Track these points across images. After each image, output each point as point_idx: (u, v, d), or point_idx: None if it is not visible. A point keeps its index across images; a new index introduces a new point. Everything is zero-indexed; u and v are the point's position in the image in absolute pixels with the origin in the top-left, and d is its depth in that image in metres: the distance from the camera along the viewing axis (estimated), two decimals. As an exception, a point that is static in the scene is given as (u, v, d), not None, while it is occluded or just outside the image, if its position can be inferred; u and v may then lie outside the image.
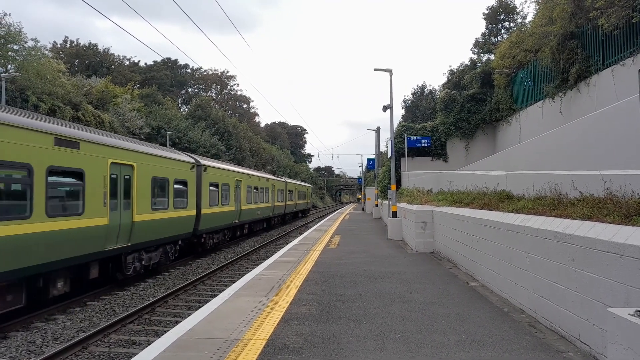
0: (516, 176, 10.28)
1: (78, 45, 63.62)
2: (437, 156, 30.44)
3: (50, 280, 10.44)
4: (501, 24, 37.26)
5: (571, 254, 5.63)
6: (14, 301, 9.29)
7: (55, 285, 10.65)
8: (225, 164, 25.98)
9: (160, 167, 15.35)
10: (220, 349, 5.44)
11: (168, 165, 16.03)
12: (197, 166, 18.96)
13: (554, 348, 5.51)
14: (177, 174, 16.67)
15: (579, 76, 17.20)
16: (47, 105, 28.19)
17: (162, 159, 15.66)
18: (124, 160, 13.07)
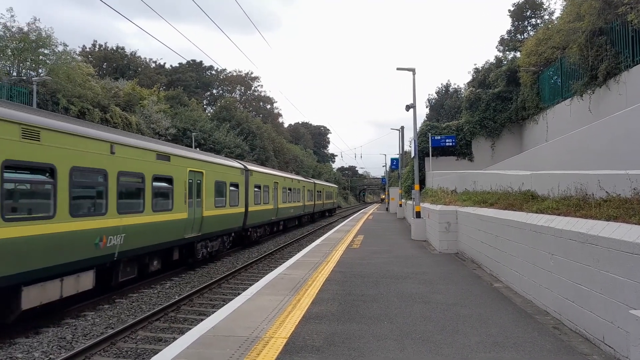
0: (541, 176, 10.12)
1: (106, 48, 65.13)
2: (462, 156, 30.11)
3: (151, 259, 13.89)
4: (527, 21, 36.63)
5: (596, 255, 5.54)
6: (131, 272, 12.93)
7: (153, 263, 14.03)
8: (266, 169, 29.57)
9: (220, 172, 18.80)
10: (242, 347, 5.55)
11: (225, 171, 19.46)
12: (245, 171, 22.23)
13: (577, 350, 5.44)
14: (231, 178, 20.01)
15: (608, 73, 16.79)
16: (77, 107, 28.97)
17: (221, 166, 19.21)
18: (197, 169, 16.51)
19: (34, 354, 8.05)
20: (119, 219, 11.68)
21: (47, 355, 8.05)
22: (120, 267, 12.19)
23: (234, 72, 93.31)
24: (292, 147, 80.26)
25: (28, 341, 8.68)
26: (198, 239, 16.48)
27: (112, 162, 11.51)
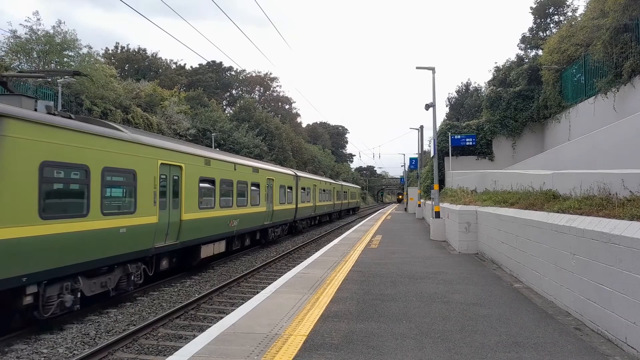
0: (563, 175, 9.98)
1: (128, 50, 66.19)
2: (483, 155, 29.77)
3: (247, 237, 20.37)
4: (550, 18, 36.02)
5: (618, 255, 5.45)
6: (238, 244, 19.29)
7: (247, 240, 20.42)
8: (308, 174, 37.16)
9: (282, 178, 25.93)
10: (261, 344, 5.61)
11: (285, 177, 26.74)
12: (296, 177, 29.60)
13: (599, 351, 5.36)
14: (287, 182, 27.12)
15: (634, 70, 16.45)
16: (100, 108, 29.53)
17: (283, 174, 26.59)
18: (271, 177, 23.27)
19: (58, 349, 8.25)
20: (236, 210, 18.28)
21: (71, 350, 8.24)
22: (234, 240, 18.78)
23: (253, 72, 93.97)
24: (310, 147, 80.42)
25: (53, 337, 8.90)
26: (270, 226, 23.40)
27: (235, 176, 18.44)
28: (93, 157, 9.97)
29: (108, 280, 11.10)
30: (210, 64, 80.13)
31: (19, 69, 29.29)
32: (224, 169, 17.35)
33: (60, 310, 9.45)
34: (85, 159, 9.75)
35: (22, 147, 8.31)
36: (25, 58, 30.32)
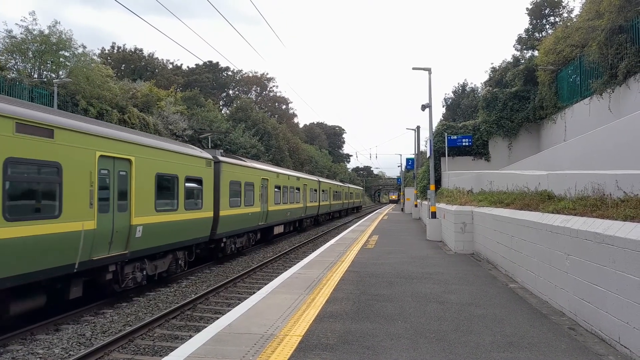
0: (558, 176, 10.01)
1: (124, 50, 66.01)
2: (479, 155, 29.83)
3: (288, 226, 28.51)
4: (546, 19, 36.18)
5: (612, 255, 5.49)
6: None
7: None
8: (328, 180, 46.58)
9: (310, 183, 34.83)
10: (257, 344, 5.62)
11: (312, 182, 35.51)
12: (318, 182, 38.53)
13: (593, 351, 5.40)
14: (314, 186, 36.20)
15: (629, 71, 16.53)
16: (96, 109, 29.45)
17: (311, 180, 35.08)
18: (305, 183, 31.89)
19: (54, 350, 8.24)
20: (290, 205, 26.90)
21: (67, 351, 8.23)
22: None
23: (249, 73, 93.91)
24: (307, 148, 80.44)
25: (48, 337, 8.89)
26: (304, 217, 32.99)
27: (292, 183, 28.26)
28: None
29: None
30: (206, 64, 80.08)
31: (14, 69, 29.21)
32: (289, 180, 28.01)
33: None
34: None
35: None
36: (21, 58, 30.23)
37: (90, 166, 10.08)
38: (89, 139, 10.07)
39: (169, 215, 13.25)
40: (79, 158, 9.76)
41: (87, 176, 9.95)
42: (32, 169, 8.76)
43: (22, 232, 8.23)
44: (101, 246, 10.39)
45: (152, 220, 12.34)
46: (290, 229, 30.40)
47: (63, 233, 9.17)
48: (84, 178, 9.89)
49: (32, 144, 8.58)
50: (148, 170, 12.32)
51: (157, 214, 12.65)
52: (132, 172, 11.60)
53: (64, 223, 9.20)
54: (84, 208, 9.77)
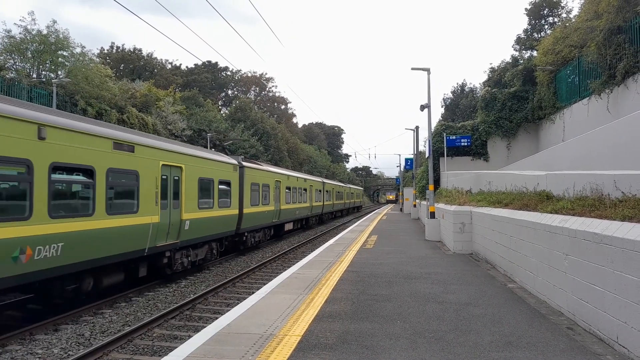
0: (556, 176, 10.03)
1: (123, 50, 65.98)
2: (478, 156, 29.87)
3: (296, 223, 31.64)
4: (544, 20, 36.21)
5: (610, 255, 5.51)
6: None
7: (297, 225, 32.14)
8: (330, 181, 50.06)
9: (316, 184, 37.44)
10: (256, 344, 5.63)
11: (317, 184, 38.11)
12: (323, 183, 41.10)
13: (591, 351, 5.41)
14: (319, 187, 38.78)
15: (627, 72, 16.56)
16: (95, 109, 29.44)
17: (317, 182, 37.97)
18: (312, 184, 35.05)
19: (53, 350, 8.24)
20: (298, 204, 30.34)
21: (66, 351, 8.23)
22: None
23: (248, 73, 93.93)
24: (306, 148, 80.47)
25: (47, 337, 8.89)
26: (310, 215, 35.48)
27: (301, 184, 31.45)
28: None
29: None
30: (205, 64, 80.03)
31: (13, 69, 29.18)
32: (297, 182, 30.80)
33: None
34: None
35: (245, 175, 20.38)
36: (19, 58, 30.20)
37: (156, 173, 12.73)
38: (156, 152, 12.76)
39: (207, 212, 15.95)
40: (149, 167, 12.42)
41: (154, 181, 12.61)
42: (122, 176, 11.34)
43: (116, 224, 10.93)
44: (162, 236, 13.03)
45: (196, 216, 15.02)
46: (298, 226, 32.95)
47: (140, 225, 11.86)
48: (152, 182, 12.52)
49: (122, 157, 11.22)
50: (193, 175, 14.96)
51: (199, 211, 15.30)
52: (183, 177, 14.25)
53: (140, 217, 11.91)
54: (152, 206, 12.44)
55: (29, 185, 8.49)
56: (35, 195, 8.56)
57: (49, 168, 8.91)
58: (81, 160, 9.81)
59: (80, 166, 9.84)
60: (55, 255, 8.96)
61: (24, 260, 8.25)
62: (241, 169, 19.90)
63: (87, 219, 9.95)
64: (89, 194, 10.14)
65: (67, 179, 9.74)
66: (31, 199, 8.49)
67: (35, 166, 8.56)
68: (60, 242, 9.05)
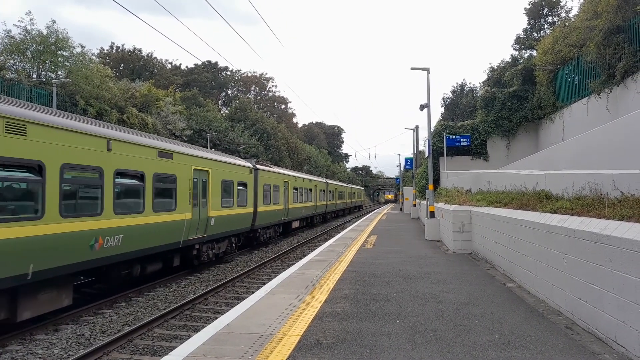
0: (555, 176, 10.05)
1: (123, 50, 65.98)
2: (478, 155, 29.89)
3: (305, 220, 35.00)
4: (544, 19, 36.21)
5: (608, 255, 5.53)
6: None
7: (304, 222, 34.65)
8: (332, 181, 52.18)
9: (320, 185, 39.23)
10: (255, 344, 5.65)
11: (321, 184, 40.00)
12: (326, 183, 43.03)
13: (590, 350, 5.43)
14: (322, 187, 40.51)
15: (626, 71, 16.58)
16: (95, 109, 29.45)
17: (320, 182, 39.65)
18: (316, 185, 36.97)
19: (53, 350, 8.25)
20: (305, 203, 32.74)
21: (66, 351, 8.24)
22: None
23: (248, 72, 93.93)
24: (306, 147, 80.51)
25: (47, 338, 8.90)
26: (315, 214, 37.80)
27: (308, 185, 34.09)
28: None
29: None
30: (205, 64, 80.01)
31: (13, 69, 29.20)
32: (303, 182, 32.58)
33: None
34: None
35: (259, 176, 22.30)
36: (19, 58, 30.21)
37: (189, 176, 14.64)
38: (189, 158, 14.73)
39: (228, 210, 17.80)
40: (184, 171, 14.36)
41: (187, 183, 14.50)
42: (164, 179, 13.26)
43: (160, 219, 12.83)
44: (193, 230, 14.85)
45: (219, 213, 16.84)
46: (304, 224, 35.04)
47: (177, 221, 13.75)
48: (186, 184, 14.41)
49: (164, 164, 13.18)
50: (217, 177, 16.82)
51: (222, 209, 17.11)
52: (209, 179, 16.14)
53: (177, 214, 13.80)
54: (186, 204, 14.29)
55: (101, 187, 10.49)
56: (104, 195, 10.56)
57: (114, 173, 10.90)
58: (135, 166, 11.85)
59: (134, 171, 11.85)
60: (118, 244, 10.94)
61: (97, 248, 10.21)
62: (255, 171, 21.76)
63: (139, 215, 11.92)
64: (141, 194, 12.12)
65: (126, 182, 11.59)
66: (102, 199, 10.49)
67: (105, 172, 10.59)
68: (121, 234, 11.03)
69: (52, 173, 8.98)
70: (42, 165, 8.72)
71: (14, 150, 8.13)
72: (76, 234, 9.55)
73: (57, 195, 9.08)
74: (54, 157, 9.02)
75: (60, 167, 9.19)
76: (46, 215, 8.76)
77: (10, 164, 8.12)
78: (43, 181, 8.77)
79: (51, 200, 8.92)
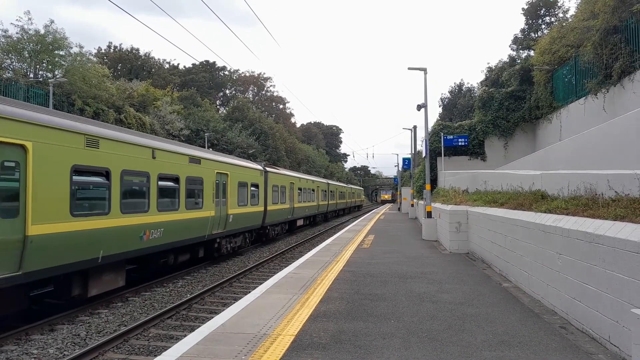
0: (551, 176, 10.06)
1: (121, 50, 65.85)
2: (475, 155, 29.93)
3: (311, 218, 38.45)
4: (541, 19, 36.26)
5: (601, 254, 5.54)
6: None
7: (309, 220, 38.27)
8: (334, 182, 54.38)
9: (322, 185, 40.84)
10: (250, 343, 5.64)
11: (323, 185, 42.01)
12: (327, 184, 44.59)
13: (583, 350, 5.44)
14: (324, 188, 42.16)
15: (623, 72, 16.62)
16: (92, 108, 29.40)
17: (322, 183, 41.44)
18: (318, 185, 38.98)
19: (48, 350, 8.24)
20: (313, 203, 36.71)
21: (62, 351, 8.23)
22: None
23: (246, 72, 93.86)
24: (304, 147, 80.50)
25: (43, 338, 8.88)
26: (318, 213, 39.66)
27: (313, 186, 37.72)
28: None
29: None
30: (203, 64, 79.95)
31: (10, 69, 29.14)
32: (307, 183, 34.54)
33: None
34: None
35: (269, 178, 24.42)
36: (16, 57, 30.15)
37: (213, 178, 16.70)
38: (213, 163, 16.96)
39: (243, 208, 19.89)
40: (209, 174, 16.45)
41: (211, 184, 16.53)
42: (194, 181, 15.31)
43: (190, 216, 14.96)
44: (215, 226, 16.89)
45: (236, 211, 18.94)
46: (307, 222, 37.01)
47: (203, 217, 15.90)
48: (210, 185, 16.43)
49: (194, 168, 15.28)
50: (235, 179, 18.98)
51: (238, 207, 19.22)
52: (228, 181, 18.22)
53: (204, 212, 15.91)
54: (210, 203, 16.34)
55: (148, 189, 12.61)
56: (150, 195, 12.68)
57: (157, 177, 13.01)
58: (173, 171, 13.98)
59: (172, 175, 13.99)
60: (159, 237, 13.00)
61: (145, 239, 12.32)
62: (265, 173, 23.80)
63: (175, 212, 14.00)
64: (177, 194, 14.17)
65: (166, 184, 13.63)
66: (149, 198, 12.62)
67: (151, 176, 12.73)
68: (161, 228, 13.09)
69: (116, 177, 11.16)
70: (109, 171, 10.92)
71: (90, 160, 10.30)
72: (131, 227, 11.75)
73: (119, 195, 11.24)
74: (116, 164, 11.21)
75: (121, 173, 11.37)
76: (111, 212, 10.94)
77: (88, 170, 10.30)
78: (109, 184, 10.95)
79: (115, 200, 11.10)
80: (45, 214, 8.89)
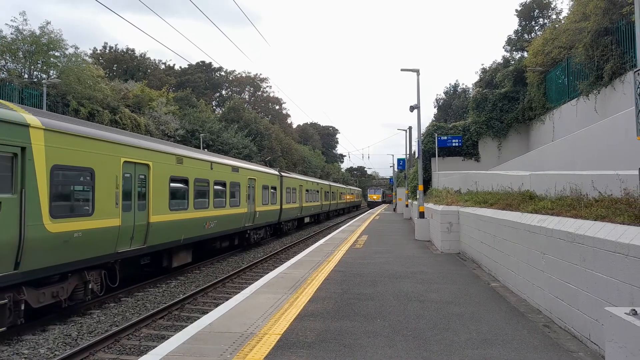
0: (539, 176, 10.17)
1: (116, 50, 65.82)
2: (469, 156, 30.06)
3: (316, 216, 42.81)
4: (535, 21, 36.45)
5: (582, 254, 5.63)
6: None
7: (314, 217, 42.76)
8: (336, 183, 60.26)
9: (325, 187, 45.13)
10: (235, 342, 5.71)
11: (326, 186, 46.06)
12: (330, 185, 49.03)
13: (564, 348, 5.53)
14: (326, 189, 46.14)
15: (614, 73, 16.76)
16: (87, 109, 29.38)
17: (324, 184, 45.53)
18: (322, 186, 43.37)
19: (39, 350, 8.28)
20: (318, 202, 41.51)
21: (53, 351, 8.27)
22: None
23: (243, 73, 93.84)
24: (300, 148, 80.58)
25: (34, 338, 8.92)
26: (322, 212, 43.18)
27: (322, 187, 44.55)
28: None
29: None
30: (199, 65, 79.90)
31: (4, 69, 29.11)
32: (312, 185, 38.52)
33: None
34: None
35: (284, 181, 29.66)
36: (11, 58, 30.11)
37: (246, 182, 21.04)
38: (246, 170, 21.50)
39: (265, 206, 24.23)
40: (244, 179, 20.86)
41: (245, 188, 20.89)
42: (234, 185, 19.60)
43: (232, 212, 19.28)
44: (247, 220, 21.21)
45: (261, 209, 23.25)
46: (312, 220, 41.05)
47: (240, 213, 20.27)
48: (245, 188, 20.86)
49: (234, 175, 19.66)
50: (260, 183, 23.28)
51: (262, 206, 23.54)
52: (256, 184, 22.60)
53: (240, 209, 20.23)
54: (244, 202, 20.70)
55: (208, 191, 16.90)
56: (209, 195, 16.94)
57: (212, 182, 17.26)
58: (221, 177, 18.09)
59: (222, 181, 18.15)
60: (214, 227, 17.26)
61: (206, 228, 16.63)
62: (281, 177, 28.22)
63: (223, 208, 18.16)
64: (223, 195, 18.39)
65: (218, 187, 17.92)
66: (208, 198, 16.88)
67: (210, 182, 17.07)
68: (215, 220, 17.36)
69: (191, 183, 15.50)
70: (187, 179, 15.31)
71: (179, 172, 14.72)
72: (199, 219, 16.10)
73: (193, 196, 15.55)
74: (192, 174, 15.56)
75: (194, 180, 15.69)
76: (189, 208, 15.27)
77: (178, 179, 14.69)
78: (188, 189, 15.32)
79: (191, 199, 15.42)
80: (157, 208, 13.23)
